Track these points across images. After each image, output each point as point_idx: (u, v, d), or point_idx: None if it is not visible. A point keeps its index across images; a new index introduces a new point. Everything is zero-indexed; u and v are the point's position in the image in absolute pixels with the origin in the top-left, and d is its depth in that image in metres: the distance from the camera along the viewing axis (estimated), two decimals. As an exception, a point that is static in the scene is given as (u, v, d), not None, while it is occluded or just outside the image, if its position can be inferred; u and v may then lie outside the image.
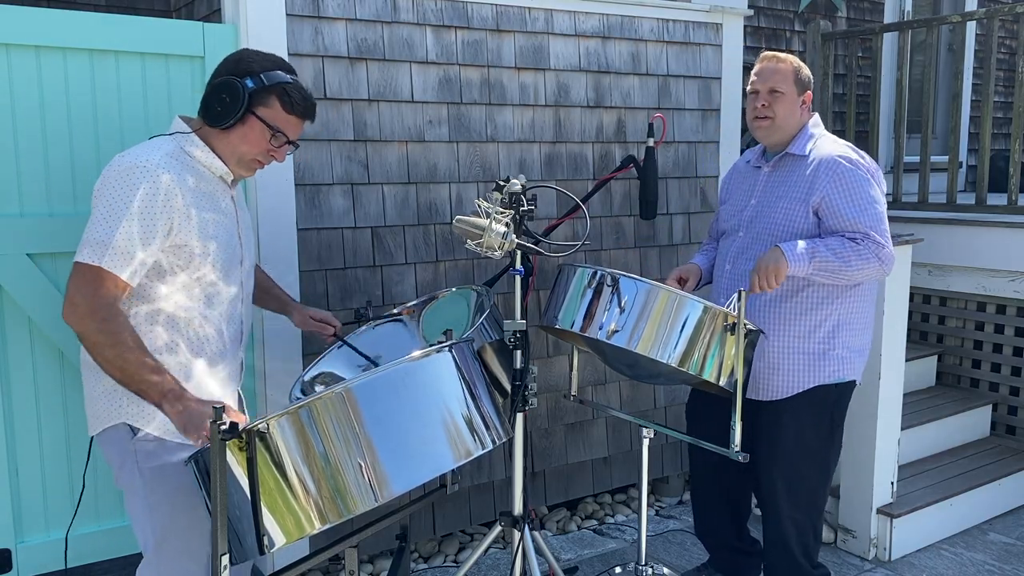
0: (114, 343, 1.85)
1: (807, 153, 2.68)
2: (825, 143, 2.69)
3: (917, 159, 4.72)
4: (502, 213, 2.28)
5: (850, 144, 2.72)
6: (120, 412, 1.99)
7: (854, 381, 2.76)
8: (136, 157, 1.93)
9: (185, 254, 1.97)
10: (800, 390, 2.69)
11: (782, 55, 2.72)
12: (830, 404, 2.74)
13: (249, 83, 1.99)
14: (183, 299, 2.00)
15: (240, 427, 1.66)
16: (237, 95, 1.98)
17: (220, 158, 2.06)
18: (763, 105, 2.68)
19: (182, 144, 2.03)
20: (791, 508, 2.78)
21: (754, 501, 3.07)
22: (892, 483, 3.52)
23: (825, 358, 2.68)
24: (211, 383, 2.07)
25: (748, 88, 2.76)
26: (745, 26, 3.97)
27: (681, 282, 2.85)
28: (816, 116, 2.79)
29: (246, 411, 2.27)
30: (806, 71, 2.73)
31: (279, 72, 2.03)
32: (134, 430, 2.00)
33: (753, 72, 2.75)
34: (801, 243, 2.53)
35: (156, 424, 1.99)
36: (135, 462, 2.00)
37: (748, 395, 2.64)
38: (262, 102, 2.01)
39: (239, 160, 2.07)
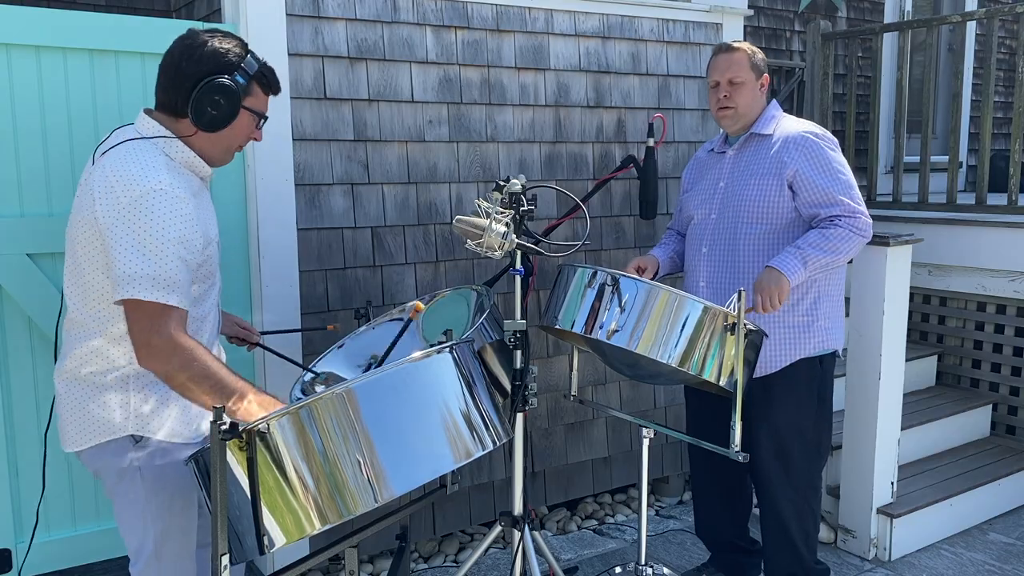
0: (205, 374, 1.80)
1: (771, 132, 2.77)
2: (788, 122, 2.80)
3: (917, 159, 4.72)
4: (502, 213, 2.28)
5: (811, 122, 2.82)
6: (128, 424, 1.94)
7: (836, 352, 2.83)
8: (145, 180, 1.82)
9: (197, 271, 1.96)
10: (786, 363, 2.73)
11: (734, 44, 2.82)
12: (816, 378, 2.79)
13: (240, 80, 1.94)
14: (194, 307, 1.98)
15: (240, 427, 1.66)
16: (233, 96, 1.93)
17: (203, 156, 1.99)
18: (725, 96, 2.77)
19: (165, 150, 1.93)
20: (788, 489, 2.81)
21: (754, 500, 3.07)
22: (892, 483, 3.52)
23: (809, 330, 2.73)
24: None
25: (709, 82, 2.84)
26: (745, 26, 3.97)
27: (640, 271, 2.86)
28: (775, 101, 2.89)
29: None
30: (760, 55, 2.82)
31: (250, 58, 1.98)
32: (135, 439, 1.96)
33: (709, 66, 2.85)
34: (789, 255, 2.58)
35: (165, 430, 1.97)
36: (137, 469, 1.96)
37: None
38: (248, 93, 1.98)
39: (226, 151, 2.03)
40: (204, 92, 1.91)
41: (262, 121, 2.05)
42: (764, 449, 2.79)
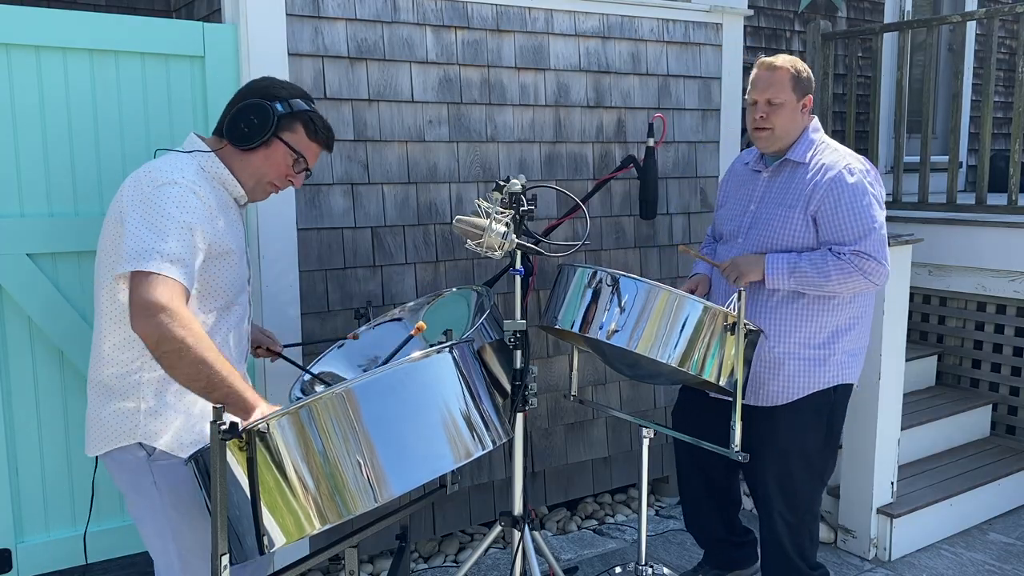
0: (206, 347, 1.77)
1: (807, 160, 2.65)
2: (827, 152, 2.65)
3: (917, 159, 4.72)
4: (502, 213, 2.28)
5: (852, 152, 2.67)
6: (136, 431, 1.96)
7: (851, 385, 2.76)
8: (169, 174, 1.92)
9: (209, 272, 1.98)
10: (798, 397, 2.69)
11: (778, 61, 2.64)
12: (827, 409, 2.73)
13: (279, 107, 2.03)
14: (201, 316, 1.98)
15: (240, 427, 1.66)
16: (266, 117, 2.02)
17: (238, 180, 2.08)
18: (762, 117, 2.64)
19: (201, 163, 2.03)
20: (785, 510, 2.79)
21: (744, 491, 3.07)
22: (892, 483, 3.52)
23: (825, 364, 2.67)
24: None
25: (747, 97, 2.71)
26: (745, 26, 3.97)
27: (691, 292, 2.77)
28: (815, 120, 2.75)
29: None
30: (806, 73, 2.66)
31: (303, 101, 2.10)
32: (149, 451, 1.97)
33: (750, 80, 2.69)
34: (783, 258, 2.57)
35: (166, 440, 1.97)
36: (153, 483, 1.98)
37: (745, 400, 2.63)
38: (288, 127, 2.06)
39: (257, 182, 2.10)
40: (240, 109, 2.04)
41: (300, 162, 2.10)
42: (765, 472, 2.77)
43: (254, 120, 2.02)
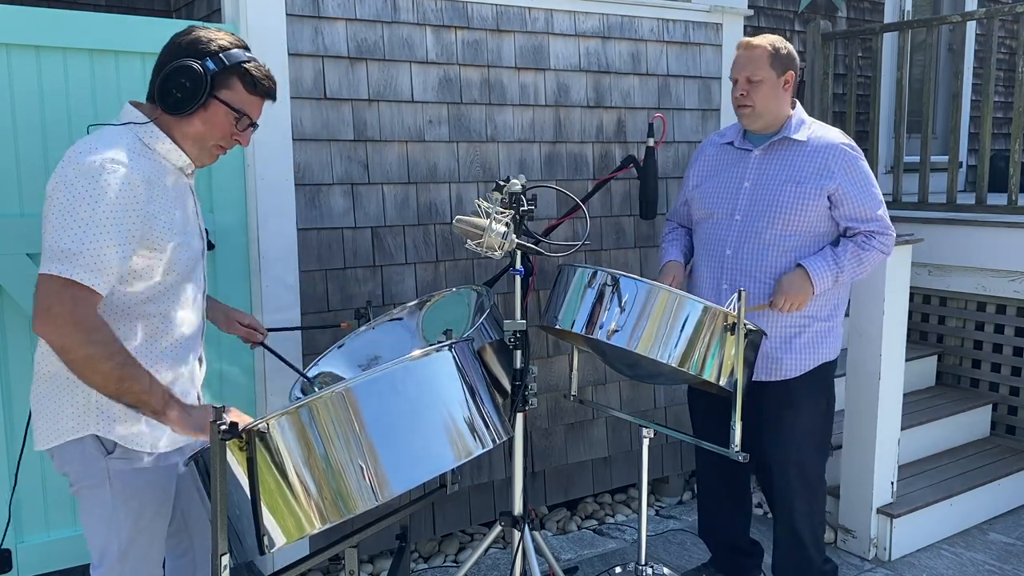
0: (109, 355, 1.72)
1: (805, 139, 2.73)
2: (821, 129, 2.77)
3: (917, 159, 4.72)
4: (502, 213, 2.28)
5: (838, 129, 2.82)
6: (91, 424, 1.89)
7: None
8: (98, 154, 1.77)
9: (155, 257, 1.87)
10: (809, 369, 2.74)
11: (756, 41, 2.72)
12: (829, 380, 2.82)
13: (211, 65, 1.86)
14: (154, 303, 1.91)
15: (240, 427, 1.66)
16: (198, 80, 1.85)
17: (181, 147, 1.93)
18: (742, 94, 2.72)
19: (139, 135, 1.89)
20: (803, 491, 2.82)
21: (754, 501, 3.07)
22: (892, 483, 3.52)
23: (829, 336, 2.77)
24: (183, 380, 2.01)
25: (730, 76, 2.79)
26: (745, 26, 3.97)
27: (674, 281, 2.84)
28: (798, 102, 2.84)
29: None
30: (785, 50, 2.72)
31: (238, 51, 1.92)
32: (105, 445, 1.90)
33: (732, 61, 2.78)
34: (824, 266, 2.63)
35: (121, 430, 1.90)
36: (107, 478, 1.91)
37: (757, 377, 2.72)
38: (224, 84, 1.89)
39: (201, 147, 1.95)
40: (169, 73, 1.86)
41: (244, 120, 1.95)
42: (782, 451, 2.79)
43: (185, 84, 1.84)
